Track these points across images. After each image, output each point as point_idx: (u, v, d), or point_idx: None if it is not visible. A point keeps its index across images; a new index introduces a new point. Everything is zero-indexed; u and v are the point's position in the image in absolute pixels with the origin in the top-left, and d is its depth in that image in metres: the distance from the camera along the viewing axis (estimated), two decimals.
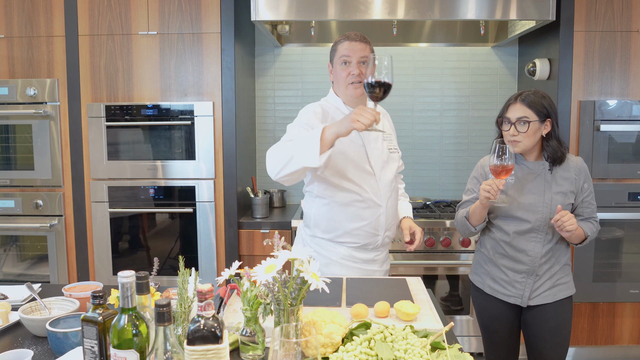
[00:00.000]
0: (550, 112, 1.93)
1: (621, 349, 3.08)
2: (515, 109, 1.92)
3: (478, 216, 1.98)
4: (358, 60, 1.89)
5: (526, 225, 1.95)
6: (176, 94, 2.95)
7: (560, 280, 2.01)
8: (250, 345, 1.31)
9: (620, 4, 2.88)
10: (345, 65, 1.91)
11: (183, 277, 1.32)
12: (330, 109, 1.98)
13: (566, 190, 1.96)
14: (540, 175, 1.97)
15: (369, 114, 1.57)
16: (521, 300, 2.01)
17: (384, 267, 2.11)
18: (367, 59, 1.88)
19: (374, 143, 1.99)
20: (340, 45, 1.92)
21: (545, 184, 1.96)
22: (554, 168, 1.97)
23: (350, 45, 1.89)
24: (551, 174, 1.97)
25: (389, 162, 2.03)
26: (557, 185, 1.96)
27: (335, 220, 1.97)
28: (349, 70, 1.90)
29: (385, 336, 1.26)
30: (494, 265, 2.06)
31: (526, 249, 1.97)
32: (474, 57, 3.56)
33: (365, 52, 1.89)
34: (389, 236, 2.06)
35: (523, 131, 1.90)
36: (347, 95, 1.95)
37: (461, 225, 2.08)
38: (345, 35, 1.94)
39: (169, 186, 2.98)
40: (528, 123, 1.90)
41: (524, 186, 1.97)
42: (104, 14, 2.91)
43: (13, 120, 2.97)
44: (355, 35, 1.91)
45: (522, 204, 1.95)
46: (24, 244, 3.06)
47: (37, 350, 1.39)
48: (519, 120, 1.90)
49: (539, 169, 1.98)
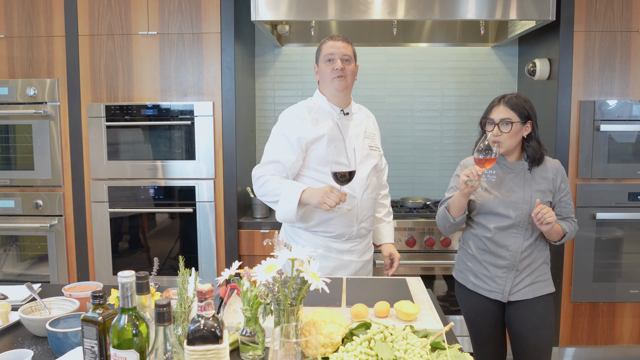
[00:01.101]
0: (530, 115, 2.03)
1: (621, 349, 3.08)
2: (499, 110, 2.02)
3: (457, 206, 2.04)
4: (341, 58, 2.03)
5: (507, 221, 2.02)
6: (176, 94, 2.96)
7: (540, 277, 2.09)
8: (250, 345, 1.31)
9: (620, 4, 2.88)
10: (330, 62, 2.05)
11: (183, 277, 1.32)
12: (314, 108, 2.11)
13: (544, 189, 2.05)
14: (520, 174, 2.06)
15: (335, 196, 1.85)
16: (502, 295, 2.07)
17: (363, 258, 2.19)
18: (349, 57, 2.05)
19: (355, 139, 2.10)
20: (325, 45, 2.08)
21: (525, 182, 2.05)
22: (533, 168, 2.07)
23: (334, 44, 2.05)
24: (530, 173, 2.06)
25: (368, 158, 2.14)
26: (536, 184, 2.05)
27: (310, 210, 2.08)
28: (332, 66, 2.04)
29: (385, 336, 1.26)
30: (476, 261, 2.12)
31: (507, 244, 2.04)
32: (474, 57, 3.56)
33: (347, 51, 2.05)
34: (364, 227, 2.15)
35: (506, 131, 2.00)
36: (331, 90, 2.08)
37: (442, 218, 2.14)
38: (328, 37, 2.10)
39: (169, 186, 2.98)
40: (511, 124, 1.99)
41: (505, 184, 2.05)
42: (104, 14, 2.91)
43: (13, 120, 2.97)
44: (338, 36, 2.08)
45: (503, 201, 2.03)
46: (24, 244, 3.06)
47: (37, 350, 1.40)
48: (502, 121, 2.00)
49: (519, 169, 2.07)
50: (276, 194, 2.01)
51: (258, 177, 2.08)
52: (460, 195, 2.00)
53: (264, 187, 2.05)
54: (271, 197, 2.04)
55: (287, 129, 2.07)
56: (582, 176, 2.95)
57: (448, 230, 2.15)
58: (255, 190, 2.11)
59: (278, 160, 2.06)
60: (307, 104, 2.14)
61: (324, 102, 2.11)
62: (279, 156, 2.06)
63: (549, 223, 1.90)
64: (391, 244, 2.34)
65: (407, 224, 2.99)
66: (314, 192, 1.94)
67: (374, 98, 3.56)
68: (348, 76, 2.04)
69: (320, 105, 2.12)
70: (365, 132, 2.16)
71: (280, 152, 2.06)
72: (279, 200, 2.00)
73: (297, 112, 2.11)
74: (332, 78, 2.04)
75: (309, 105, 2.13)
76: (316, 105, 2.12)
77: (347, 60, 2.04)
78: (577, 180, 2.96)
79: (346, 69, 2.03)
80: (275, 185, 2.02)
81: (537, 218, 1.91)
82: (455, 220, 2.08)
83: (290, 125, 2.07)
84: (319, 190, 1.92)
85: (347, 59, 2.04)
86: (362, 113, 2.20)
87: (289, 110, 2.14)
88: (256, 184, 2.09)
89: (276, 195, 2.01)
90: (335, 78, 2.03)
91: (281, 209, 2.01)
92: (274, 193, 2.02)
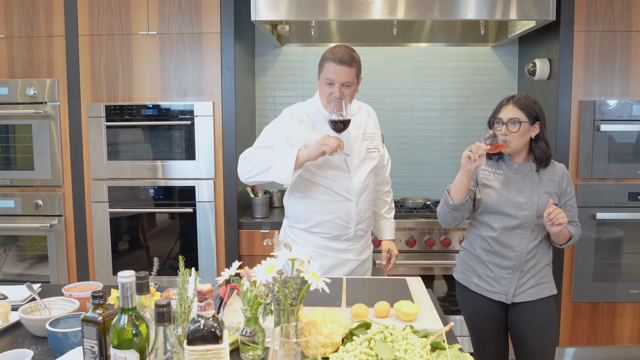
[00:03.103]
0: (539, 116, 2.03)
1: (621, 349, 3.08)
2: (508, 110, 2.02)
3: (459, 187, 1.96)
4: (341, 84, 1.99)
5: (514, 222, 2.02)
6: (176, 94, 2.96)
7: (543, 279, 2.08)
8: (250, 345, 1.31)
9: (620, 4, 2.88)
10: (329, 85, 2.01)
11: (183, 277, 1.32)
12: (312, 112, 2.12)
13: (551, 191, 2.04)
14: (527, 175, 2.05)
15: (334, 140, 1.87)
16: (506, 297, 2.06)
17: (361, 257, 2.22)
18: (350, 82, 2.00)
19: (353, 142, 2.11)
20: (327, 65, 1.99)
21: (532, 183, 2.04)
22: (540, 170, 2.06)
23: (335, 70, 1.97)
24: (538, 175, 2.05)
25: (366, 161, 2.15)
26: (543, 186, 2.04)
27: (308, 212, 2.13)
28: (331, 90, 2.01)
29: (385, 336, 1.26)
30: (479, 262, 2.11)
31: (513, 245, 2.03)
32: (474, 57, 3.56)
33: (349, 77, 1.99)
34: (361, 229, 2.17)
35: (514, 131, 1.99)
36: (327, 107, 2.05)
37: (442, 204, 2.06)
38: (333, 53, 1.98)
39: (169, 186, 2.98)
40: (519, 123, 1.99)
41: (512, 184, 2.04)
42: (104, 14, 2.91)
43: (13, 120, 2.97)
44: (342, 57, 1.97)
45: (510, 201, 2.02)
46: (24, 244, 3.06)
47: (37, 350, 1.40)
48: (511, 120, 2.00)
49: (526, 170, 2.06)
50: (267, 160, 1.99)
51: (245, 157, 2.06)
52: (462, 174, 1.93)
53: (252, 160, 2.02)
54: (262, 166, 2.00)
55: (281, 126, 2.10)
56: (582, 176, 2.95)
57: (448, 218, 2.04)
58: (241, 171, 2.07)
59: (270, 145, 2.07)
60: (305, 107, 2.14)
61: (320, 107, 2.11)
62: (271, 142, 2.07)
63: (560, 224, 1.87)
64: (391, 240, 2.35)
65: (407, 224, 2.99)
66: (310, 147, 1.95)
67: (374, 98, 3.56)
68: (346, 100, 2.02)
69: (318, 109, 2.12)
70: (364, 134, 2.16)
71: (272, 141, 2.08)
72: (272, 165, 1.97)
73: (295, 113, 2.12)
74: (328, 101, 2.00)
75: (307, 109, 2.13)
76: (314, 108, 2.13)
77: (347, 86, 2.00)
78: (577, 180, 2.96)
79: (344, 94, 1.99)
80: (265, 155, 2.01)
81: (549, 218, 1.88)
82: (454, 203, 1.97)
83: (286, 124, 2.10)
84: (316, 142, 1.93)
85: (348, 85, 2.00)
86: (361, 113, 2.19)
87: (288, 109, 2.16)
88: (242, 164, 2.05)
89: (268, 162, 1.99)
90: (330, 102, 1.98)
91: (277, 167, 1.96)
92: (264, 161, 2.00)
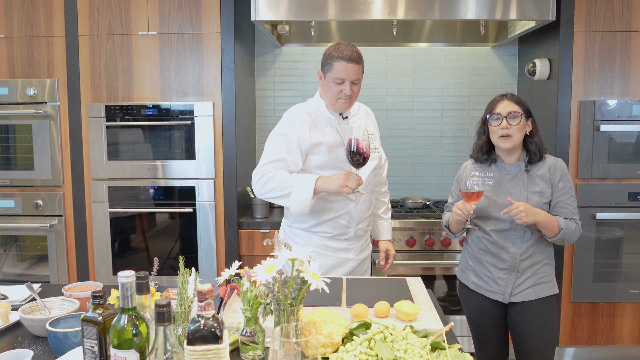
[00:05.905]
0: (530, 111, 2.05)
1: (621, 349, 3.08)
2: (504, 105, 2.03)
3: (455, 227, 2.14)
4: (352, 81, 1.98)
5: (504, 225, 2.03)
6: (176, 94, 2.96)
7: (543, 278, 2.07)
8: (250, 345, 1.31)
9: (620, 4, 2.88)
10: (339, 84, 1.99)
11: (183, 277, 1.32)
12: (313, 112, 2.10)
13: (542, 190, 2.02)
14: (517, 176, 2.05)
15: (355, 179, 1.88)
16: (503, 296, 2.07)
17: (360, 256, 2.22)
18: (359, 79, 2.01)
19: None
20: (337, 63, 1.97)
21: (521, 184, 2.04)
22: (530, 167, 2.05)
23: (345, 68, 1.96)
24: (527, 175, 2.04)
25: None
26: (533, 185, 2.03)
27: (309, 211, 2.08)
28: (341, 88, 1.99)
29: (385, 336, 1.26)
30: (478, 262, 2.12)
31: (506, 246, 2.04)
32: (474, 57, 3.56)
33: (359, 75, 2.00)
34: (362, 228, 2.18)
35: (515, 124, 1.99)
36: (334, 106, 2.06)
37: (447, 232, 2.24)
38: (340, 51, 1.97)
39: (169, 186, 2.98)
40: (519, 115, 1.99)
41: (501, 187, 2.05)
42: (104, 14, 2.91)
43: (13, 120, 2.97)
44: (351, 54, 1.96)
45: (500, 205, 2.02)
46: (24, 244, 3.06)
47: (37, 350, 1.40)
48: (510, 114, 1.99)
49: (516, 170, 2.06)
50: (286, 186, 1.97)
51: (261, 175, 2.03)
52: (455, 222, 2.09)
53: (271, 182, 2.00)
54: (280, 190, 1.99)
55: (287, 130, 2.06)
56: (582, 176, 2.95)
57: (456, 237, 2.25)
58: (258, 189, 2.05)
59: (283, 159, 2.03)
60: (306, 108, 2.12)
61: (323, 107, 2.09)
62: (282, 155, 2.03)
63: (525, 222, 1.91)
64: (388, 240, 2.36)
65: (407, 224, 2.99)
66: (329, 179, 1.94)
67: (374, 98, 3.56)
68: (354, 97, 2.03)
69: (319, 109, 2.10)
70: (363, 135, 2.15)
71: (283, 151, 2.04)
72: (291, 192, 1.96)
73: (297, 115, 2.09)
74: (337, 98, 2.01)
75: (308, 109, 2.11)
76: (315, 109, 2.10)
77: (355, 83, 2.00)
78: (577, 180, 2.96)
79: (354, 91, 2.00)
80: (284, 178, 1.99)
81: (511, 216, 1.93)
82: (455, 236, 2.19)
83: (291, 127, 2.05)
84: (335, 176, 1.92)
85: (357, 82, 2.01)
86: (361, 113, 2.18)
87: (288, 112, 2.12)
88: (259, 182, 2.03)
89: (286, 188, 1.97)
90: (340, 99, 2.01)
91: (295, 200, 1.96)
92: (283, 186, 1.98)
